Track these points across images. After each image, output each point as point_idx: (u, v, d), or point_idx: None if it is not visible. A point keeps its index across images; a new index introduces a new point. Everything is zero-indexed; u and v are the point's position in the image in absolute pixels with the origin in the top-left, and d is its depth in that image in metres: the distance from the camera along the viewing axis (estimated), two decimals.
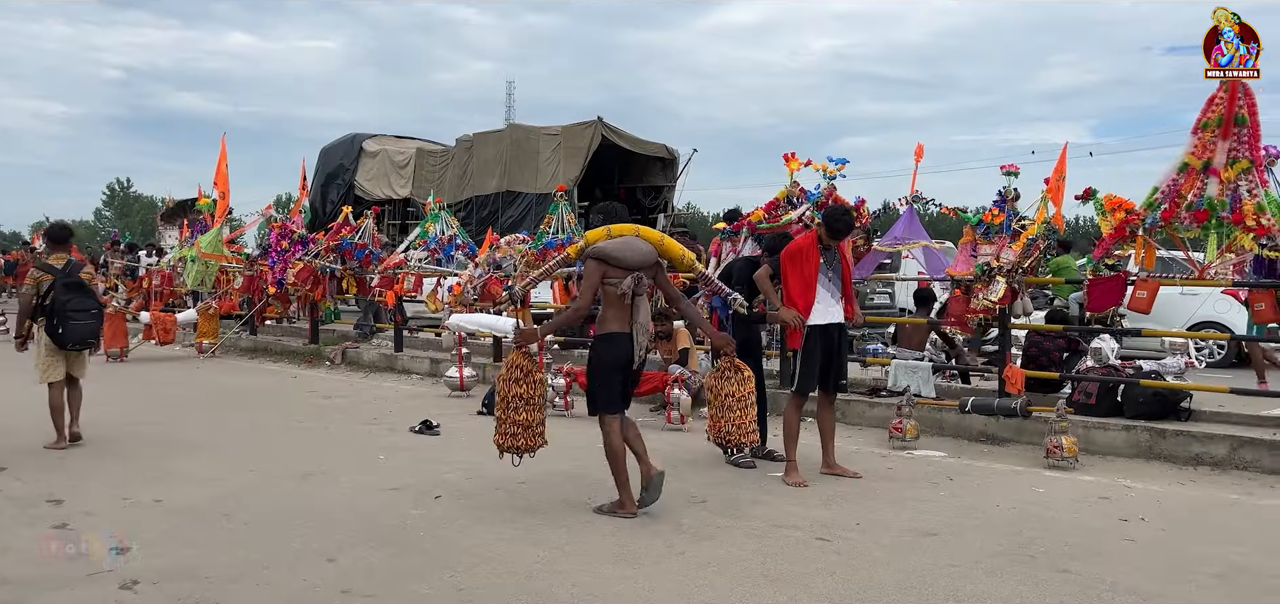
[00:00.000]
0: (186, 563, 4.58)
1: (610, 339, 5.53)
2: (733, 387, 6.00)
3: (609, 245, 5.54)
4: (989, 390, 8.63)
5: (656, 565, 4.65)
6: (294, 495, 5.91)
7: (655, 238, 5.79)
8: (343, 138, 23.68)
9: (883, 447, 7.70)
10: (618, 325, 5.51)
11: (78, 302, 7.38)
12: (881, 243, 9.30)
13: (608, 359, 5.53)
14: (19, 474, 6.41)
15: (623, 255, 5.48)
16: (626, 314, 5.51)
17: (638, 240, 5.62)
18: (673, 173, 20.25)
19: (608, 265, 5.48)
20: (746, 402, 6.01)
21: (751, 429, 6.07)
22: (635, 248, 5.54)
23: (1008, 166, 8.33)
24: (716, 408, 6.09)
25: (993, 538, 5.17)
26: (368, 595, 4.21)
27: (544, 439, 5.77)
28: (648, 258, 5.56)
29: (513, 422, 5.63)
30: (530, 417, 5.65)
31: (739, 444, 6.13)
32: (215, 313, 15.29)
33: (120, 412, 9.09)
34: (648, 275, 5.57)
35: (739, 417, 5.99)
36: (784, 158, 9.11)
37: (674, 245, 5.90)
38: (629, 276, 5.44)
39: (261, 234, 17.54)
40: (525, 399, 5.62)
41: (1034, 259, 8.08)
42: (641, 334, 5.54)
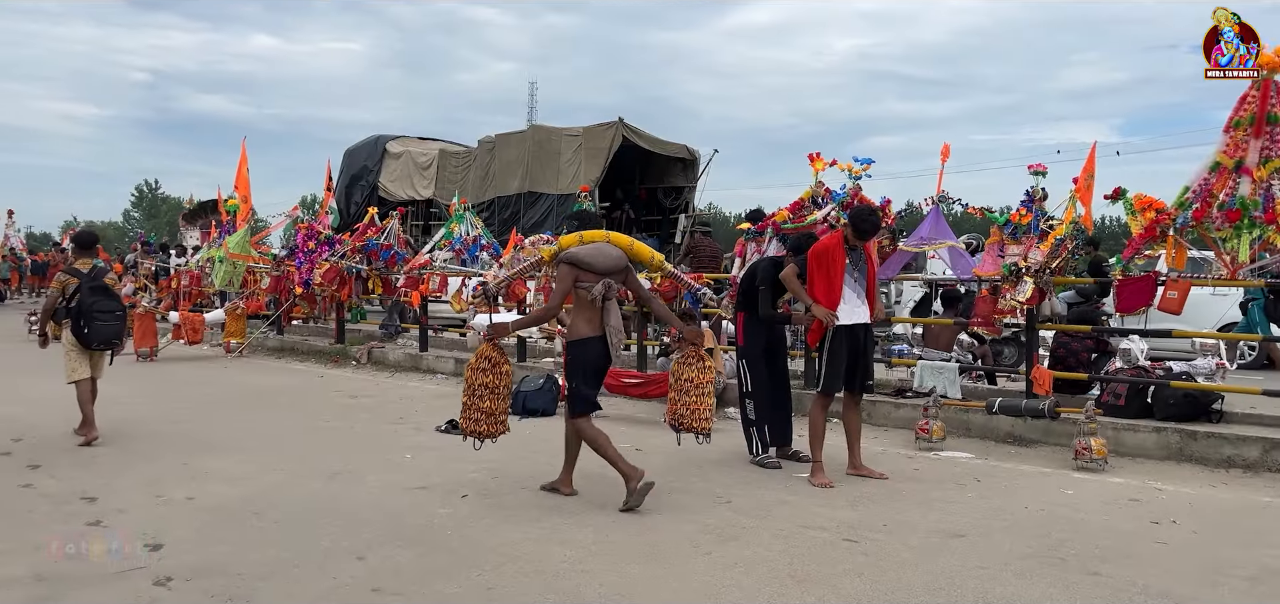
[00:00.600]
0: (218, 560, 4.63)
1: (584, 344, 5.81)
2: (692, 373, 6.15)
3: (581, 251, 5.83)
4: (1016, 391, 8.58)
5: (683, 565, 4.66)
6: (322, 494, 5.96)
7: (625, 243, 6.14)
8: (366, 139, 23.85)
9: (909, 448, 7.66)
10: (589, 330, 5.80)
11: (103, 304, 7.63)
12: (907, 243, 9.25)
13: (583, 362, 5.83)
14: (53, 472, 6.50)
15: (594, 260, 5.77)
16: (598, 317, 5.79)
17: (608, 246, 5.96)
18: (694, 173, 20.25)
19: (579, 270, 5.77)
20: (704, 389, 6.14)
21: (706, 416, 6.16)
22: (606, 253, 5.85)
23: (1035, 166, 8.27)
24: (675, 392, 6.23)
25: (1021, 540, 5.14)
26: (397, 593, 4.24)
27: (506, 427, 6.08)
28: (618, 263, 5.86)
29: (479, 408, 5.93)
30: (494, 405, 5.95)
31: (693, 428, 6.18)
32: (243, 313, 15.44)
33: (150, 411, 9.21)
34: (618, 279, 5.85)
35: (695, 402, 6.12)
36: (809, 158, 9.09)
37: (643, 249, 6.17)
38: (600, 281, 5.74)
39: (288, 235, 17.69)
40: (491, 388, 5.93)
41: (1062, 259, 8.02)
42: (615, 335, 5.81)
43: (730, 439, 7.73)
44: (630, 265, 6.06)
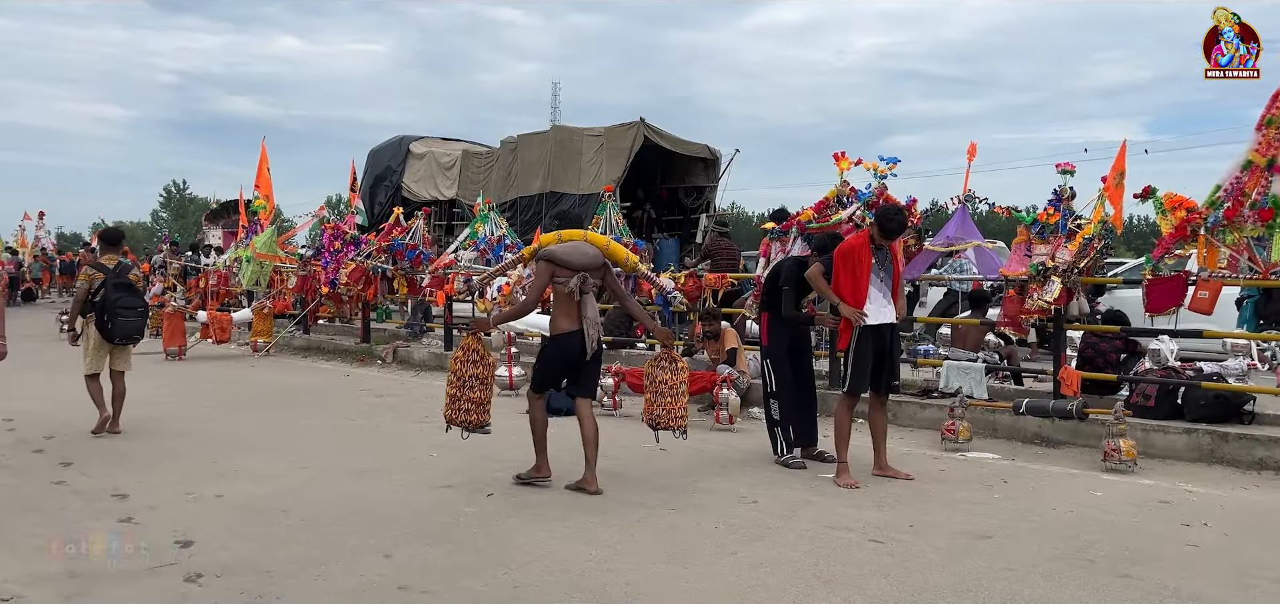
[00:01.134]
0: (247, 557, 4.68)
1: (563, 338, 6.11)
2: (666, 375, 6.50)
3: (558, 249, 6.17)
4: (1043, 392, 8.51)
5: (708, 565, 4.66)
6: (349, 492, 6.00)
7: (602, 243, 6.44)
8: (390, 140, 24.00)
9: (935, 448, 7.62)
10: (568, 324, 6.09)
11: (126, 300, 7.90)
12: (933, 242, 9.19)
13: (558, 353, 6.16)
14: (85, 469, 6.58)
15: (570, 258, 6.10)
16: (575, 311, 6.08)
17: (585, 245, 6.26)
18: (715, 173, 20.27)
19: (556, 266, 6.10)
20: (677, 389, 6.48)
21: (681, 414, 6.49)
22: (582, 251, 6.17)
23: (1063, 164, 8.19)
24: (651, 393, 6.56)
25: (1049, 542, 5.10)
26: (424, 591, 4.26)
27: (489, 415, 6.39)
28: (594, 260, 6.16)
29: (468, 398, 6.26)
30: (482, 394, 6.31)
31: (670, 427, 6.50)
32: (269, 312, 15.57)
33: (179, 409, 9.31)
34: (594, 277, 6.15)
35: (670, 402, 6.47)
36: (834, 157, 9.05)
37: (618, 249, 6.54)
38: (575, 277, 6.04)
39: (314, 235, 17.84)
40: (480, 378, 6.30)
41: (1090, 259, 7.94)
42: (591, 328, 6.07)
43: (754, 439, 7.73)
44: (607, 264, 6.31)
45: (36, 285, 28.61)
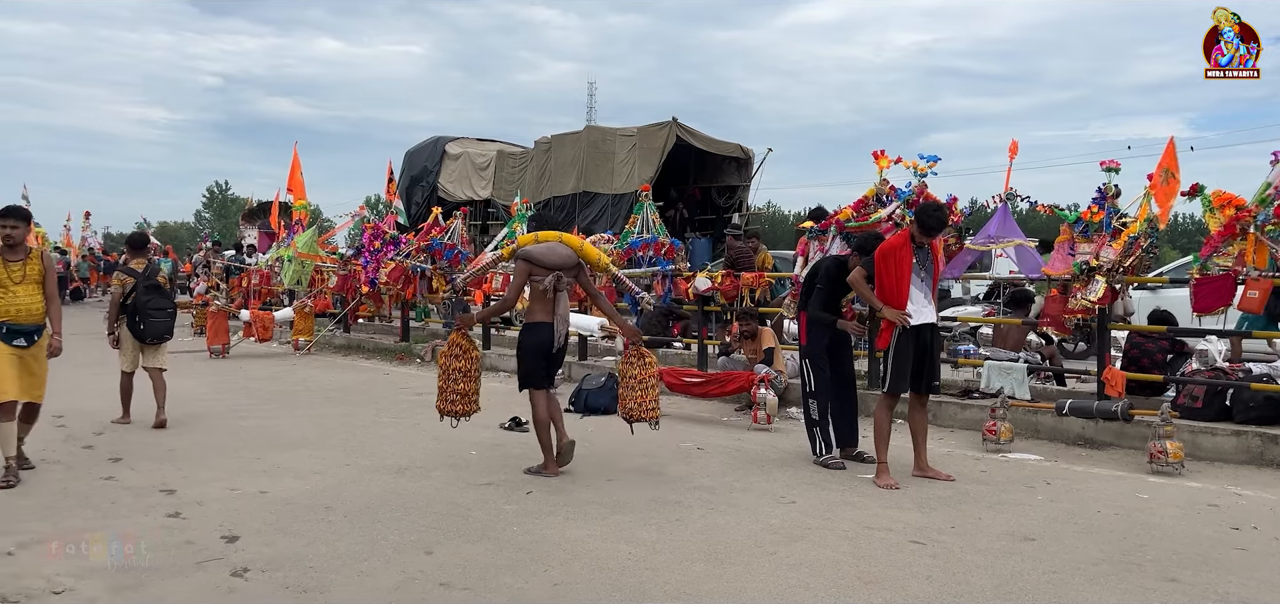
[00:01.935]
0: (292, 552, 4.74)
1: (535, 328, 6.51)
2: (636, 370, 6.73)
3: (534, 249, 6.56)
4: (1087, 393, 8.39)
5: (747, 565, 4.65)
6: (390, 489, 6.06)
7: (576, 244, 6.79)
8: (426, 141, 24.23)
9: (976, 449, 7.54)
10: (542, 316, 6.51)
11: (156, 301, 8.39)
12: (975, 241, 9.09)
13: (533, 345, 6.51)
14: (133, 465, 6.71)
15: (545, 257, 6.50)
16: (549, 306, 6.50)
17: (559, 245, 6.62)
18: (747, 172, 20.28)
19: (533, 265, 6.51)
20: (648, 383, 6.70)
21: (652, 406, 6.70)
22: (557, 251, 6.56)
23: (1108, 162, 8.06)
24: (624, 389, 6.80)
25: (1094, 544, 5.03)
26: (465, 588, 4.30)
27: (478, 406, 6.86)
28: (567, 260, 6.55)
29: (454, 390, 6.72)
30: (467, 387, 6.76)
31: (643, 419, 6.70)
32: (311, 311, 15.77)
33: (223, 406, 9.47)
34: (568, 275, 6.57)
35: (640, 395, 6.69)
36: (874, 155, 8.98)
37: (591, 250, 6.90)
38: (550, 275, 6.45)
39: (354, 235, 18.05)
40: (464, 371, 6.74)
41: (1136, 258, 7.81)
42: (562, 323, 6.54)
43: (793, 439, 7.69)
44: (581, 263, 6.68)
45: (84, 285, 29.18)
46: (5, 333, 6.14)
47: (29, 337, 6.22)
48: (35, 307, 6.22)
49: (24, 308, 6.16)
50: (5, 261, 6.17)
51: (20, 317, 6.15)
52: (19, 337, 6.17)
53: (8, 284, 6.14)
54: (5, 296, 6.12)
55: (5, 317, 6.13)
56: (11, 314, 6.13)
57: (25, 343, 6.21)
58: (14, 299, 6.13)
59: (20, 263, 6.22)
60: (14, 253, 6.22)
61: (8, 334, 6.14)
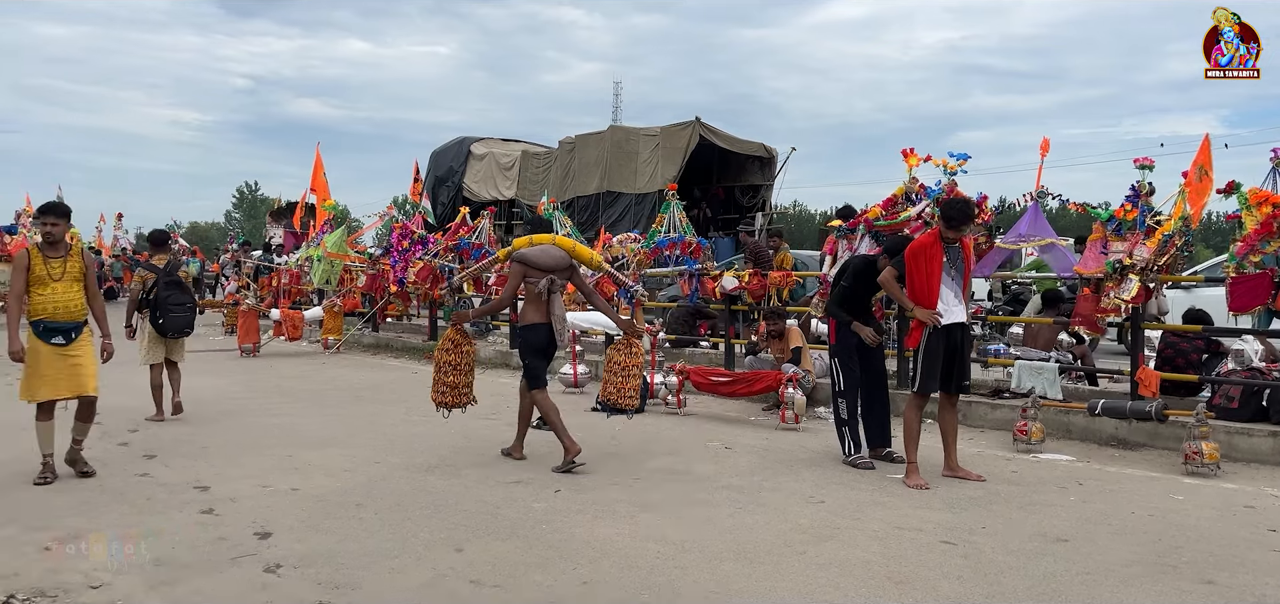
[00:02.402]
0: (324, 549, 4.78)
1: (533, 329, 6.80)
2: (620, 356, 7.02)
3: (529, 251, 6.81)
4: (1120, 393, 8.29)
5: (777, 565, 4.63)
6: (420, 487, 6.10)
7: (568, 245, 7.08)
8: (451, 141, 24.38)
9: (1007, 449, 7.48)
10: (537, 317, 6.79)
11: (176, 297, 8.67)
12: (1005, 240, 9.01)
13: (534, 344, 6.83)
14: (167, 462, 6.79)
15: (539, 260, 6.76)
16: (544, 307, 6.77)
17: (553, 248, 6.89)
18: (771, 171, 20.26)
19: (527, 267, 6.76)
20: (631, 371, 6.94)
21: (631, 395, 6.95)
22: (550, 254, 6.81)
23: (1141, 160, 7.96)
24: (607, 372, 7.10)
25: (1128, 545, 4.97)
26: (495, 586, 4.32)
27: (472, 398, 7.20)
28: (561, 262, 6.81)
29: (444, 383, 7.07)
30: (458, 379, 7.08)
31: (620, 407, 6.99)
32: (340, 310, 15.89)
33: (255, 404, 9.57)
34: (561, 277, 6.82)
35: (620, 382, 6.95)
36: (903, 153, 8.92)
37: (584, 250, 7.21)
38: (544, 277, 6.72)
39: (382, 235, 18.18)
40: (454, 365, 7.07)
41: (1170, 256, 7.71)
42: (558, 322, 6.78)
43: (822, 439, 7.66)
44: (574, 265, 6.94)
45: (118, 284, 29.57)
46: (42, 330, 6.10)
47: (67, 334, 6.15)
48: (74, 304, 6.17)
49: (62, 305, 6.11)
50: (45, 258, 6.14)
51: (58, 314, 6.11)
52: (57, 335, 6.11)
53: (47, 281, 6.09)
54: (44, 293, 6.08)
55: (43, 314, 6.10)
56: (49, 312, 6.09)
57: (63, 341, 6.14)
58: (52, 295, 6.09)
59: (60, 260, 6.16)
60: (54, 250, 6.19)
61: (45, 332, 6.10)
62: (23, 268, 6.11)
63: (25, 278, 6.10)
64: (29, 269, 6.10)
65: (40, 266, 6.10)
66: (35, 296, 6.10)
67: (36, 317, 6.11)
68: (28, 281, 6.10)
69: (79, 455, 6.35)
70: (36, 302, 6.10)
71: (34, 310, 6.12)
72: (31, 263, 6.10)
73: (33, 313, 6.12)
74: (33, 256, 6.13)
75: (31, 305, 6.12)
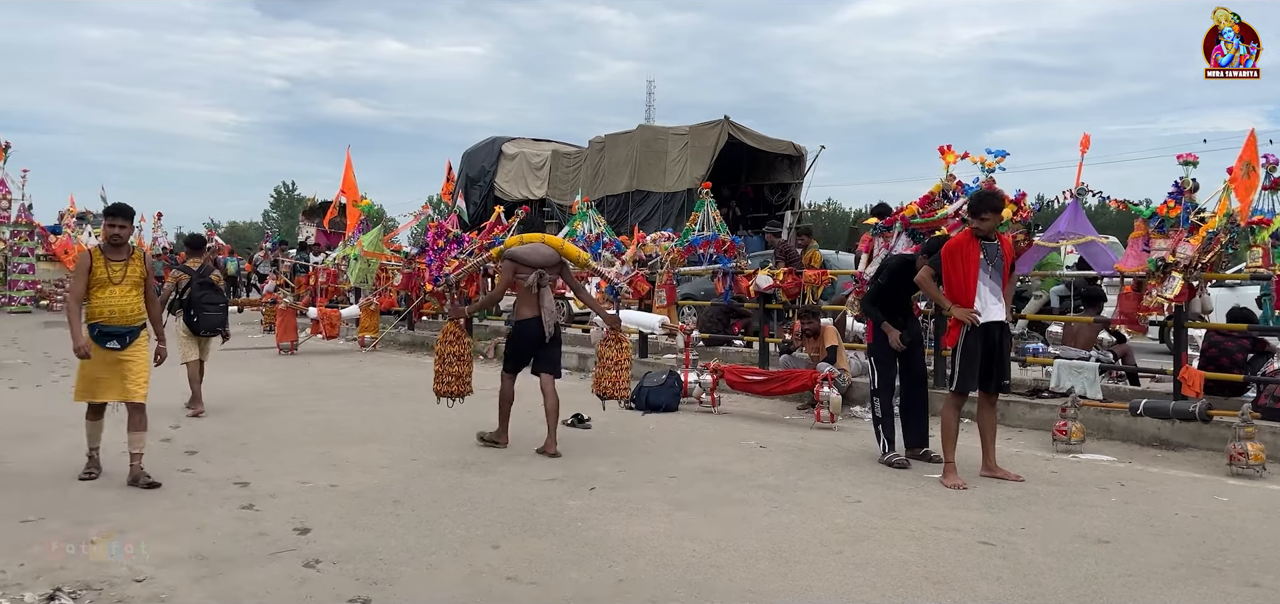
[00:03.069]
0: (361, 545, 4.82)
1: (524, 324, 7.19)
2: (611, 352, 7.62)
3: (519, 250, 7.24)
4: (1163, 393, 8.16)
5: (813, 564, 4.61)
6: (456, 484, 6.13)
7: (557, 244, 7.52)
8: (483, 142, 24.57)
9: (1046, 449, 7.39)
10: (528, 311, 7.16)
11: (209, 297, 9.05)
12: (1044, 237, 8.89)
13: (521, 337, 7.24)
14: (208, 457, 6.89)
15: (529, 257, 7.17)
16: (535, 301, 7.14)
17: (542, 246, 7.32)
18: (800, 170, 20.24)
19: (518, 264, 7.17)
20: (620, 364, 7.56)
21: (623, 387, 7.61)
22: (539, 251, 7.23)
23: (1185, 156, 7.83)
24: (600, 367, 7.69)
25: (1172, 547, 4.89)
26: (532, 582, 4.33)
27: (470, 388, 7.63)
28: (549, 259, 7.20)
29: (449, 373, 7.50)
30: (460, 370, 7.53)
31: (614, 397, 7.66)
32: (376, 309, 16.04)
33: (293, 401, 9.68)
34: (551, 273, 7.21)
35: (614, 375, 7.58)
36: (939, 151, 8.85)
37: (571, 249, 7.63)
38: (533, 273, 7.11)
39: (417, 234, 18.34)
40: (458, 356, 7.54)
41: (1215, 254, 7.57)
42: (548, 316, 7.15)
43: (857, 438, 7.61)
44: (563, 262, 7.33)
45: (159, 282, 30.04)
46: (97, 334, 5.98)
47: (122, 339, 6.02)
48: (132, 308, 6.05)
49: (119, 309, 5.99)
50: (107, 260, 6.01)
51: (114, 318, 5.99)
52: (112, 339, 6.00)
53: (107, 284, 5.97)
54: (103, 296, 5.96)
55: (98, 317, 5.98)
56: (105, 315, 5.97)
57: (118, 345, 6.02)
58: (110, 298, 5.97)
59: (122, 263, 6.05)
60: (117, 252, 6.07)
61: (101, 335, 5.98)
62: (84, 270, 6.01)
63: (87, 279, 6.00)
64: (90, 271, 5.99)
65: (101, 269, 5.98)
66: (94, 299, 5.99)
67: (93, 319, 5.99)
68: (88, 284, 6.00)
69: (141, 471, 6.03)
70: (95, 304, 5.99)
71: (91, 313, 6.00)
72: (93, 265, 6.00)
73: (90, 315, 6.00)
74: (95, 259, 6.01)
75: (89, 307, 6.00)
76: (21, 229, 22.40)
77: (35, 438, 7.48)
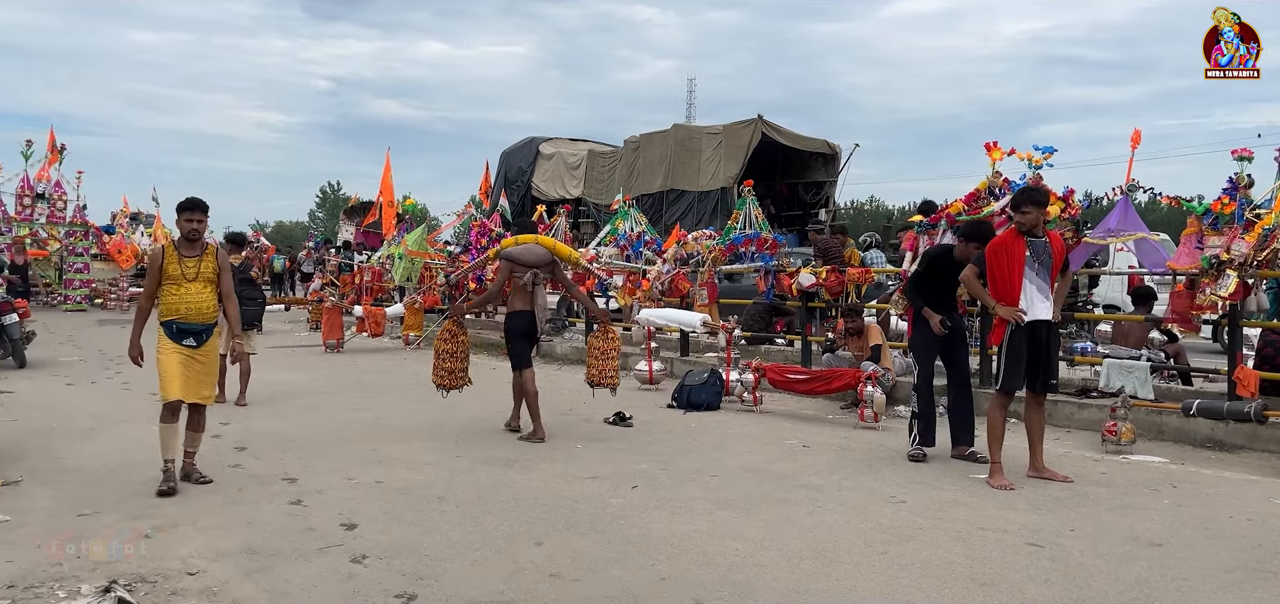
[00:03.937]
0: (407, 541, 4.88)
1: (517, 315, 7.72)
2: (600, 343, 8.16)
3: (514, 250, 7.77)
4: (1216, 393, 7.99)
5: (857, 565, 4.58)
6: (500, 482, 6.18)
7: (550, 244, 8.05)
8: (520, 141, 24.77)
9: (1095, 450, 7.27)
10: (522, 305, 7.72)
11: (248, 292, 9.41)
12: (1094, 234, 8.74)
13: (516, 329, 7.72)
14: (257, 453, 7.01)
15: (523, 257, 7.73)
16: (529, 297, 7.72)
17: (536, 246, 7.87)
18: (834, 168, 20.16)
19: (513, 263, 7.70)
20: (609, 354, 8.10)
21: (612, 375, 8.13)
22: (533, 251, 7.78)
23: (1240, 151, 7.65)
24: (589, 358, 8.26)
25: (1227, 551, 4.79)
26: (575, 579, 4.35)
27: (468, 379, 8.22)
28: (543, 259, 7.77)
29: (443, 368, 8.04)
30: (454, 365, 8.04)
31: (605, 386, 8.16)
32: (420, 307, 16.19)
33: (340, 399, 9.81)
34: (545, 272, 7.80)
35: (604, 365, 8.11)
36: (986, 147, 8.73)
37: (563, 248, 8.13)
38: (528, 272, 7.68)
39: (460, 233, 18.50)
40: (452, 352, 8.04)
41: (1271, 251, 7.38)
42: (540, 312, 7.81)
43: (901, 438, 7.53)
44: (556, 261, 7.86)
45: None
46: (175, 331, 5.91)
47: (198, 336, 5.97)
48: (206, 306, 5.98)
49: (194, 306, 5.92)
50: (180, 257, 5.94)
51: (190, 315, 5.92)
52: (188, 336, 5.92)
53: (180, 281, 5.90)
54: (177, 293, 5.89)
55: (174, 314, 5.90)
56: (181, 312, 5.90)
57: (195, 343, 5.95)
58: (185, 295, 5.90)
59: (196, 259, 5.97)
60: (191, 248, 6.00)
61: (177, 332, 5.91)
62: (157, 266, 5.95)
63: (159, 276, 5.94)
64: (163, 268, 5.93)
65: (174, 266, 5.91)
66: (167, 296, 5.92)
67: (168, 317, 5.93)
68: (160, 280, 5.94)
69: (194, 467, 6.10)
70: (168, 301, 5.92)
71: (166, 310, 5.94)
72: (165, 262, 5.93)
73: (164, 312, 5.94)
74: (168, 255, 5.95)
75: (163, 304, 5.94)
76: (77, 229, 22.92)
77: (90, 434, 7.66)
